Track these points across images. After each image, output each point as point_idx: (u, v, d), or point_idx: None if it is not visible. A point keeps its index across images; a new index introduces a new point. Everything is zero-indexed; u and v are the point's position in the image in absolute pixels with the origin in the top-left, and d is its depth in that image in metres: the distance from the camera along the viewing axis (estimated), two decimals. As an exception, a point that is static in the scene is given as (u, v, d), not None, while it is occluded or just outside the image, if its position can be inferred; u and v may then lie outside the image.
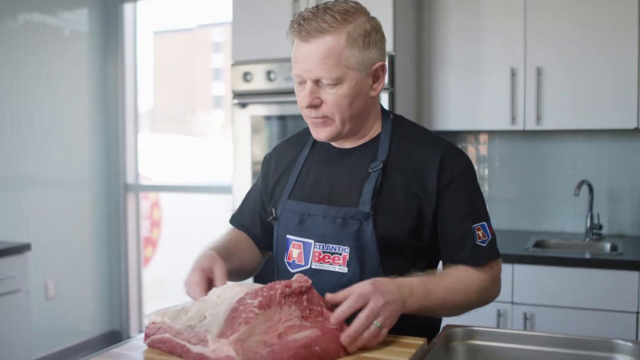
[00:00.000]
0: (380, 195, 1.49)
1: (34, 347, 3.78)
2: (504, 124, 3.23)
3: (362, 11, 1.48)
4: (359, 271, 1.47)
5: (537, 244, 3.16)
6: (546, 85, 3.14)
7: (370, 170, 1.51)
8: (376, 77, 1.50)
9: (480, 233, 1.50)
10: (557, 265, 2.82)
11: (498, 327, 2.84)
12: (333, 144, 1.59)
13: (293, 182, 1.60)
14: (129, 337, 4.32)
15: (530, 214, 3.53)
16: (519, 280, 2.86)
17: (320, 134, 1.51)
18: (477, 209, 1.53)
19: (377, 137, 1.56)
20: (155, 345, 1.32)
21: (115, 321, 4.78)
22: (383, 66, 1.50)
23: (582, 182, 3.14)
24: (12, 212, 3.97)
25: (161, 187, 5.01)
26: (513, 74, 3.18)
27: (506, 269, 2.85)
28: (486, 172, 3.61)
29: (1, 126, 3.79)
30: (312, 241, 1.52)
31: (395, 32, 3.00)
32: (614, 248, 3.05)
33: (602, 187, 3.36)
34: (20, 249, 3.30)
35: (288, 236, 1.56)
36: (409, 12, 3.22)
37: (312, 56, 1.41)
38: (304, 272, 1.49)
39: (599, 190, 3.34)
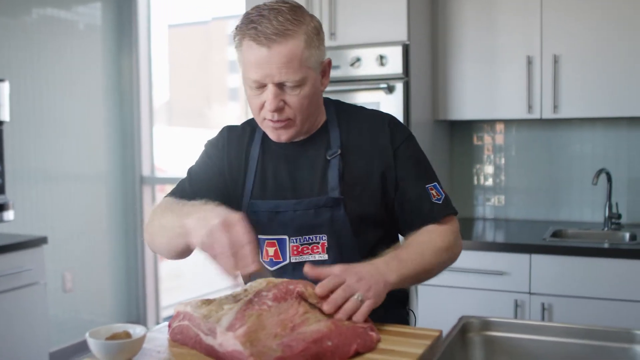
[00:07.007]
0: (344, 178, 1.55)
1: (52, 340, 3.81)
2: (521, 113, 3.19)
3: (303, 8, 1.50)
4: (340, 254, 1.53)
5: (555, 234, 3.12)
6: (563, 73, 3.10)
7: (328, 158, 1.56)
8: (323, 72, 1.54)
9: (433, 192, 1.57)
10: (576, 255, 2.78)
11: (515, 317, 2.82)
12: None
13: (252, 182, 1.60)
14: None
15: (547, 204, 3.49)
16: (536, 271, 2.83)
17: (281, 136, 1.53)
18: (427, 171, 1.61)
19: (325, 124, 1.61)
20: (175, 336, 1.31)
21: (132, 313, 4.80)
22: (330, 61, 1.55)
23: (600, 171, 3.10)
24: (29, 205, 3.99)
25: (177, 179, 4.99)
26: (529, 62, 3.13)
27: (523, 259, 2.85)
28: (503, 161, 3.57)
29: (17, 120, 3.81)
30: (286, 237, 1.55)
31: (409, 21, 2.97)
32: (633, 237, 3.01)
33: (621, 176, 3.31)
34: (37, 242, 3.30)
35: (260, 236, 1.56)
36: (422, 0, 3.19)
37: (275, 61, 1.42)
38: (284, 267, 1.54)
39: (618, 179, 3.29)
